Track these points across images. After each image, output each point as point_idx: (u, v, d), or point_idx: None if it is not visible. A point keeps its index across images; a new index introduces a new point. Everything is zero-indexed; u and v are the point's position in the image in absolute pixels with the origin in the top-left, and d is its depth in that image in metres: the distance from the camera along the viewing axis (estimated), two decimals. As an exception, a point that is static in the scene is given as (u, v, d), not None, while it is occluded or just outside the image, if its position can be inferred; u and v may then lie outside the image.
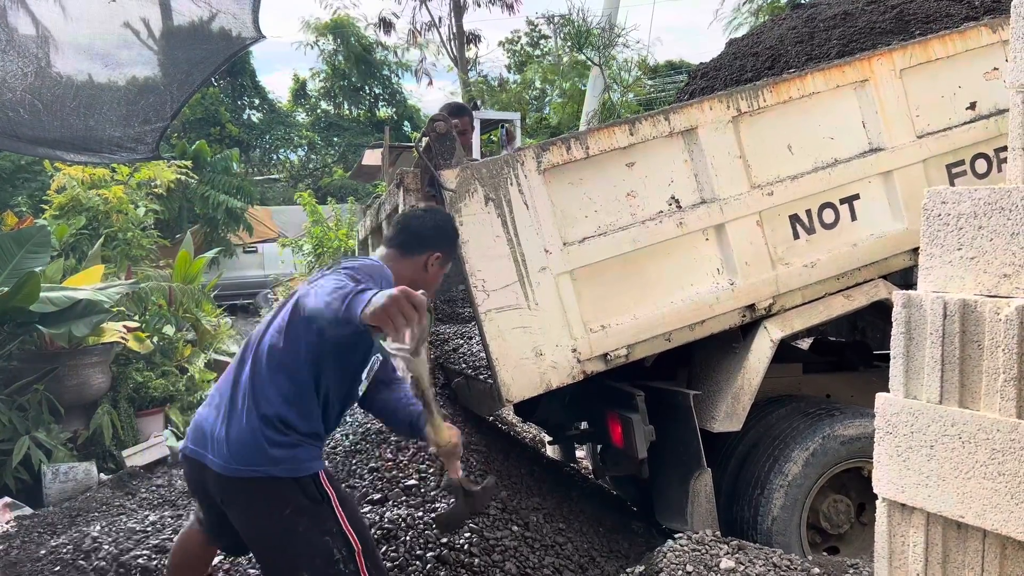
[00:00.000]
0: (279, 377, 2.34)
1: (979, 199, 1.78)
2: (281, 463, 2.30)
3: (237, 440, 2.30)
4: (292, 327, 2.36)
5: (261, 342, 2.41)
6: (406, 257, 2.56)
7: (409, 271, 2.54)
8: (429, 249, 2.59)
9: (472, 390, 3.96)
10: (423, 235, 2.60)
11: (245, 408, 2.33)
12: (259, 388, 2.34)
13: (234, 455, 2.30)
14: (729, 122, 3.53)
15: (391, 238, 2.63)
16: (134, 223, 8.73)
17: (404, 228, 2.63)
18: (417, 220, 2.67)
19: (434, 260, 2.60)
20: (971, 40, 3.81)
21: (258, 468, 2.29)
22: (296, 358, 2.35)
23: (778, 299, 3.60)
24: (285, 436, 2.31)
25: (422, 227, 2.62)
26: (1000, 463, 1.69)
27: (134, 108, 5.22)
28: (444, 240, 2.66)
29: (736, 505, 3.66)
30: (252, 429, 2.30)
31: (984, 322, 1.71)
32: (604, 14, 12.65)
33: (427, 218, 2.68)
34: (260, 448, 2.28)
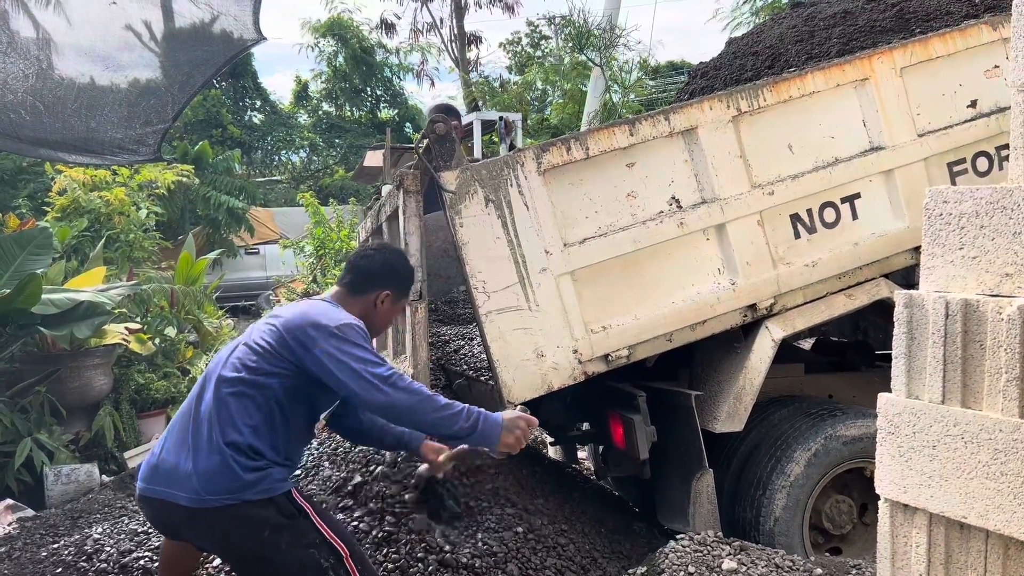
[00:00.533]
0: (246, 405, 2.39)
1: (981, 198, 1.77)
2: (254, 486, 2.33)
3: (207, 471, 2.33)
4: (261, 359, 2.42)
5: (221, 375, 2.45)
6: (356, 296, 2.66)
7: (358, 310, 2.63)
8: (378, 288, 2.67)
9: (473, 392, 3.95)
10: (372, 274, 2.68)
11: (211, 438, 2.36)
12: (225, 418, 2.38)
13: (205, 486, 2.32)
14: (729, 122, 3.53)
15: (341, 277, 2.73)
16: (136, 225, 8.75)
17: (353, 268, 2.72)
18: (366, 260, 2.74)
19: (383, 298, 2.68)
20: (972, 38, 3.80)
21: (231, 495, 2.32)
22: (266, 393, 2.41)
23: (779, 299, 3.59)
24: (255, 461, 2.35)
25: (370, 266, 2.70)
26: (1003, 463, 1.68)
27: (135, 110, 5.23)
28: (393, 278, 2.73)
29: (738, 506, 3.65)
30: (222, 457, 2.33)
31: (986, 322, 1.71)
32: (605, 15, 12.65)
33: (376, 257, 2.74)
34: (232, 474, 2.32)
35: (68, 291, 6.11)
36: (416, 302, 3.42)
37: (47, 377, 5.83)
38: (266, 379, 2.41)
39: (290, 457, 2.52)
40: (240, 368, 2.43)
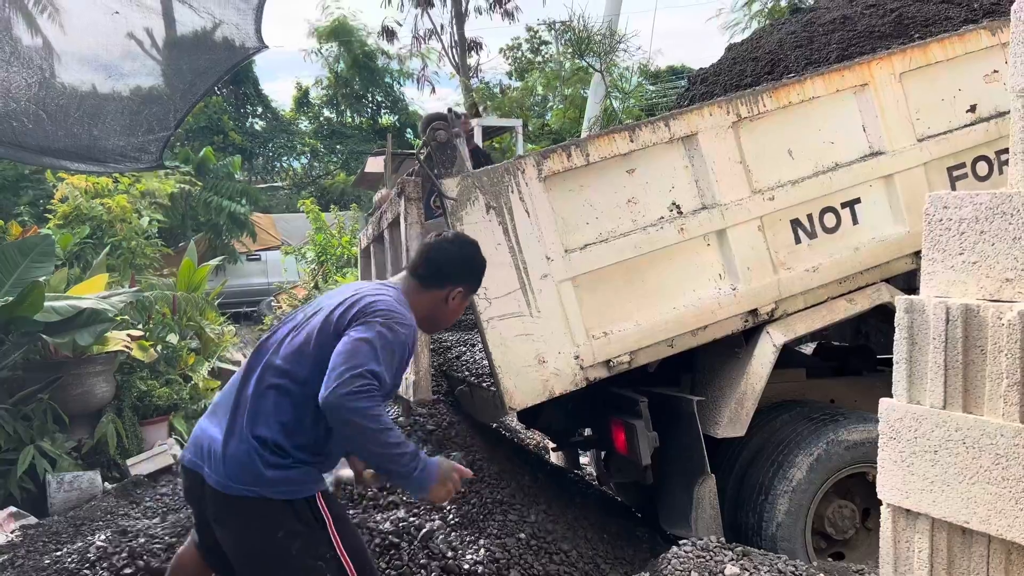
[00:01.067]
0: (283, 403, 2.29)
1: (980, 203, 1.78)
2: (276, 485, 2.24)
3: (234, 458, 2.26)
4: (307, 359, 2.29)
5: (270, 361, 2.35)
6: (427, 290, 2.49)
7: (429, 304, 2.49)
8: (451, 283, 2.50)
9: (475, 398, 3.96)
10: (447, 269, 2.52)
11: (243, 427, 2.28)
12: (260, 409, 2.29)
13: (230, 473, 2.25)
14: (729, 127, 3.54)
15: (414, 267, 2.54)
16: (138, 232, 8.76)
17: (428, 260, 2.52)
18: (443, 252, 2.54)
19: (456, 295, 2.52)
20: (970, 43, 3.81)
21: (252, 488, 2.24)
22: (304, 389, 2.27)
23: (780, 304, 3.60)
24: (282, 459, 2.26)
25: (447, 260, 2.52)
26: (1004, 468, 1.68)
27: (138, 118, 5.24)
28: (468, 274, 2.57)
29: (740, 511, 3.65)
30: (248, 449, 2.25)
31: (987, 327, 1.71)
32: (604, 20, 12.68)
33: (453, 250, 2.56)
34: (255, 469, 2.23)
35: (70, 298, 6.11)
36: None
37: (49, 384, 5.83)
38: (307, 374, 2.28)
39: (322, 459, 2.39)
40: (289, 358, 2.32)
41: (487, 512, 3.57)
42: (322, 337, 2.29)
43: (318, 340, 2.30)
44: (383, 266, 4.38)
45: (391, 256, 4.07)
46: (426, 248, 2.57)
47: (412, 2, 24.58)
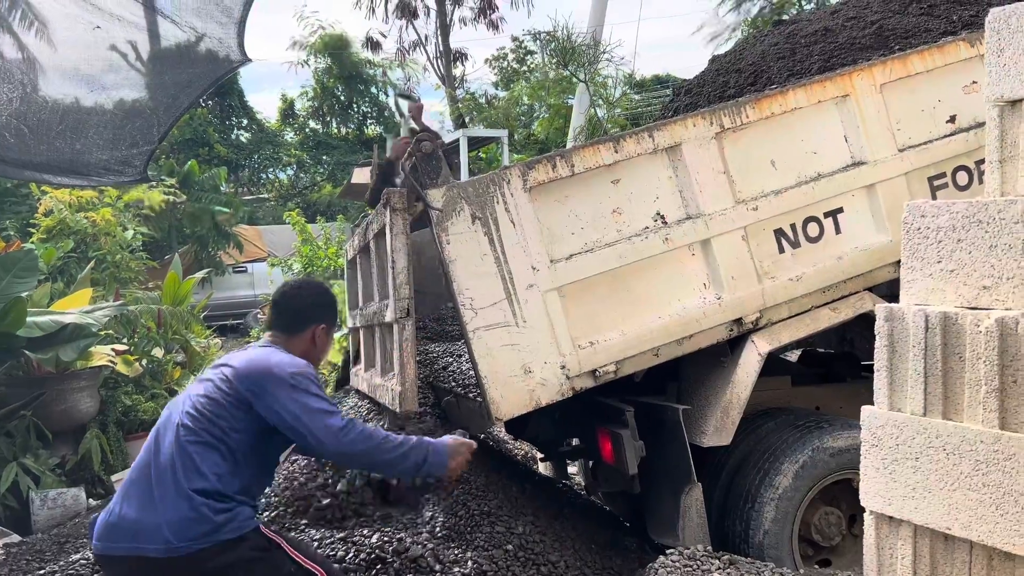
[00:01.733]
0: (211, 455, 2.43)
1: (957, 212, 1.80)
2: (225, 526, 2.37)
3: (176, 519, 2.34)
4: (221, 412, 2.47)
5: (180, 426, 2.48)
6: (294, 336, 2.72)
7: (300, 348, 2.70)
8: (313, 323, 2.74)
9: (462, 408, 3.95)
10: (304, 312, 2.75)
11: (178, 487, 2.38)
12: (190, 466, 2.41)
13: (176, 534, 2.33)
14: (712, 138, 3.56)
15: (275, 321, 2.77)
16: (122, 245, 8.71)
17: (284, 309, 2.77)
18: (294, 299, 2.78)
19: (320, 332, 2.76)
20: (949, 54, 3.86)
21: (206, 538, 2.35)
22: (227, 442, 2.45)
23: (765, 313, 3.62)
24: (224, 503, 2.40)
25: (301, 305, 2.77)
26: (984, 474, 1.70)
27: (121, 132, 5.23)
28: (325, 311, 2.81)
29: (727, 519, 3.66)
30: (191, 503, 2.36)
31: (965, 334, 1.74)
32: (588, 31, 12.76)
33: (303, 294, 2.81)
34: (203, 518, 2.35)
35: (53, 313, 6.07)
36: (404, 319, 3.43)
37: (33, 400, 5.78)
38: (226, 426, 2.46)
39: (255, 496, 2.59)
40: (199, 417, 2.47)
41: (474, 524, 3.56)
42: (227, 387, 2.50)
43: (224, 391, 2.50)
44: (369, 277, 4.37)
45: (377, 267, 4.07)
46: (278, 300, 2.80)
47: (396, 13, 24.65)
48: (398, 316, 3.44)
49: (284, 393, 2.46)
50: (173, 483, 2.38)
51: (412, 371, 3.41)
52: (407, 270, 3.43)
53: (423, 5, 24.87)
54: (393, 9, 24.54)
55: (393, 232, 3.45)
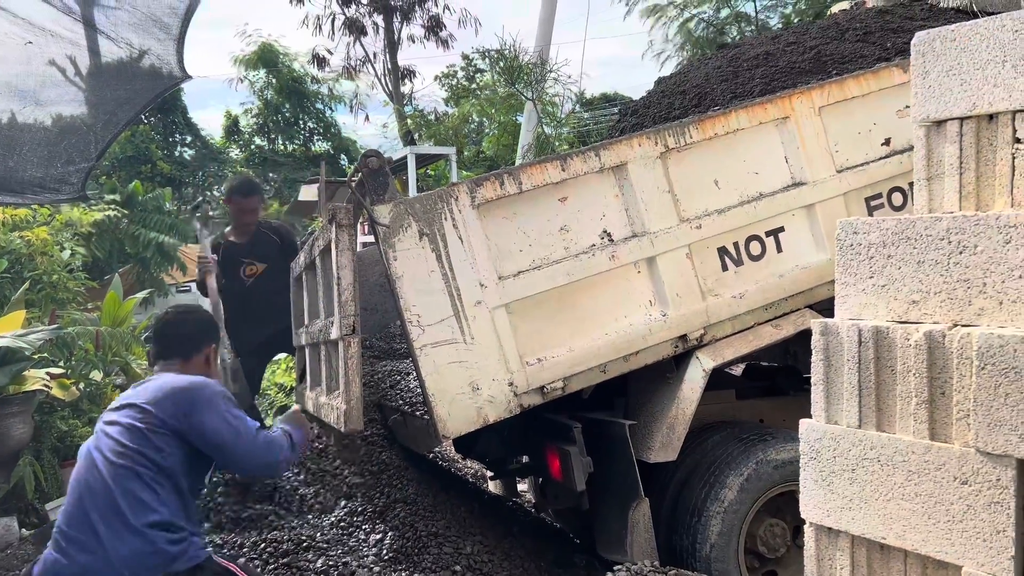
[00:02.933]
0: (151, 487, 2.44)
1: (887, 229, 1.87)
2: (181, 556, 2.40)
3: (130, 555, 2.35)
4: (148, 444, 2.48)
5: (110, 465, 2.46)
6: (190, 361, 2.81)
7: (197, 372, 2.79)
8: (205, 346, 2.87)
9: (409, 427, 3.92)
10: (194, 336, 2.86)
11: (127, 524, 2.37)
12: (135, 503, 2.41)
13: (132, 570, 2.35)
14: (657, 158, 3.62)
15: (166, 350, 2.82)
16: (59, 265, 8.45)
17: (173, 338, 2.84)
18: (181, 326, 2.88)
19: (212, 352, 2.91)
20: (884, 80, 3.99)
21: (160, 570, 2.37)
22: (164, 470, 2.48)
23: (709, 330, 3.68)
24: (176, 534, 2.43)
25: (190, 330, 2.88)
26: (916, 484, 1.75)
27: (56, 149, 5.08)
28: (210, 332, 2.96)
29: (675, 534, 3.69)
30: (144, 537, 2.37)
31: (896, 348, 1.79)
32: (536, 50, 12.91)
33: (188, 321, 2.92)
34: (159, 550, 2.37)
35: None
36: (349, 336, 3.39)
37: (-39, 426, 5.54)
38: (157, 456, 2.47)
39: (196, 524, 2.62)
40: (127, 452, 2.46)
41: (422, 546, 3.52)
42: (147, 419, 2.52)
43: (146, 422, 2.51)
44: (315, 294, 4.32)
45: (323, 284, 4.02)
46: (167, 331, 2.88)
47: (344, 30, 24.57)
48: (344, 333, 3.40)
49: (211, 414, 2.53)
50: (120, 521, 2.37)
51: (358, 389, 3.38)
52: (353, 286, 3.40)
53: (371, 23, 24.86)
54: (340, 26, 24.46)
55: (339, 248, 3.42)
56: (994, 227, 1.68)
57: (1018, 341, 1.58)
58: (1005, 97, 1.80)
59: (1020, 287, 1.64)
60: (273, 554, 3.44)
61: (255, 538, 3.54)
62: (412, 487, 3.89)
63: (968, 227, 1.73)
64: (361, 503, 3.81)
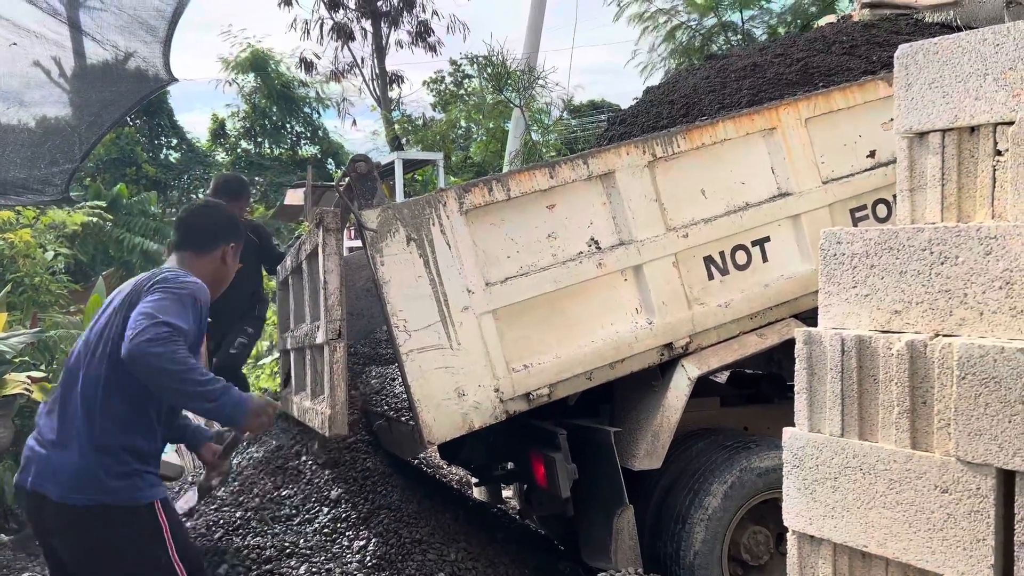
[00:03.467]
0: (114, 402, 2.35)
1: (870, 239, 1.89)
2: (116, 492, 2.32)
3: (73, 468, 2.30)
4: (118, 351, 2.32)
5: (88, 364, 2.39)
6: (203, 255, 2.66)
7: (210, 268, 2.65)
8: (223, 242, 2.70)
9: (394, 432, 3.91)
10: (214, 230, 2.70)
11: (81, 436, 2.32)
12: (93, 415, 2.33)
13: (71, 484, 2.29)
14: (645, 167, 3.65)
15: (182, 241, 2.68)
16: (42, 268, 8.37)
17: (193, 227, 2.69)
18: (205, 218, 2.74)
19: (228, 251, 2.72)
20: (869, 92, 4.04)
21: (94, 497, 2.30)
22: (130, 379, 2.33)
23: (695, 338, 3.69)
24: (123, 466, 2.34)
25: (212, 223, 2.72)
26: (898, 493, 1.77)
27: (40, 150, 5.05)
28: (234, 231, 2.76)
29: (659, 541, 3.70)
30: (89, 459, 2.30)
31: (879, 357, 1.81)
32: (524, 57, 12.95)
33: (213, 213, 2.78)
34: (96, 478, 2.30)
35: (-36, 338, 5.77)
36: (335, 340, 3.39)
37: (-61, 429, 5.47)
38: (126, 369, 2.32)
39: (155, 462, 2.47)
40: (103, 359, 2.37)
41: (405, 552, 3.51)
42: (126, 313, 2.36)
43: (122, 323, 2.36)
44: (301, 298, 4.31)
45: (309, 288, 4.02)
46: (188, 219, 2.74)
47: (332, 35, 24.55)
48: (330, 337, 3.39)
49: (148, 296, 2.34)
50: (79, 432, 2.33)
51: (343, 393, 3.37)
52: (340, 291, 3.40)
53: (359, 28, 24.85)
54: (329, 31, 24.45)
55: (326, 252, 3.41)
56: (975, 238, 1.71)
57: (998, 352, 1.60)
58: (987, 110, 1.82)
59: (1000, 298, 1.66)
60: (256, 560, 3.42)
61: (238, 544, 3.52)
62: (396, 493, 3.88)
63: (949, 238, 1.75)
64: (345, 509, 3.79)
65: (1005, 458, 1.60)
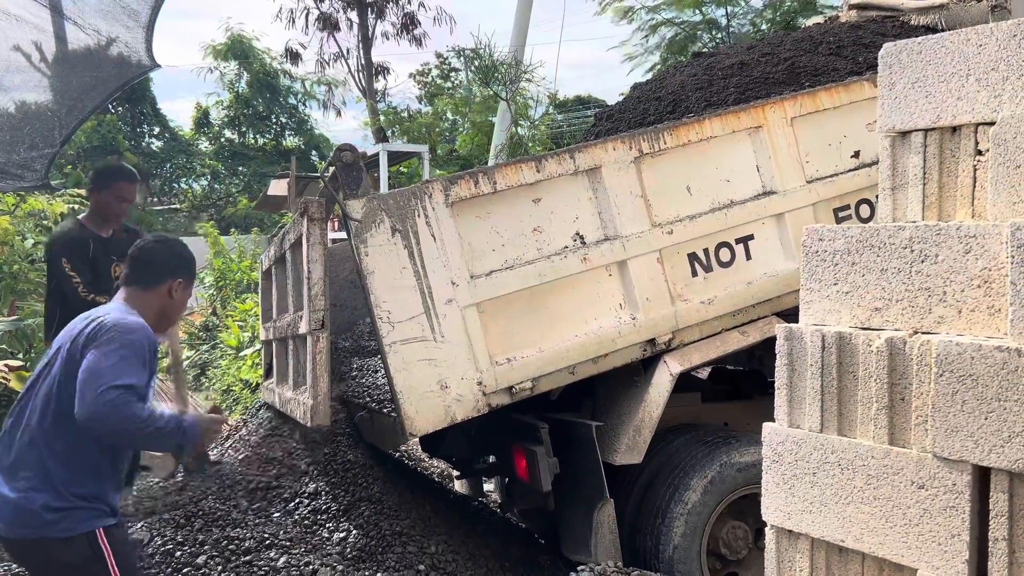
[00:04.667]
0: (57, 443, 2.37)
1: (852, 237, 1.90)
2: (54, 525, 2.33)
3: (15, 504, 2.34)
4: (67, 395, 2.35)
5: (31, 404, 2.43)
6: (150, 290, 2.63)
7: (156, 303, 2.62)
8: (170, 278, 2.65)
9: (376, 424, 3.91)
10: (161, 265, 2.67)
11: (22, 472, 2.36)
12: (35, 453, 2.37)
13: (13, 519, 2.34)
14: (631, 162, 3.65)
15: (129, 275, 2.67)
16: (21, 256, 8.28)
17: (140, 262, 2.68)
18: (152, 252, 2.71)
19: (177, 287, 2.67)
20: (855, 93, 4.06)
21: (33, 531, 2.33)
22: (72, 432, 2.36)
23: (677, 334, 3.71)
24: (59, 501, 2.35)
25: (159, 258, 2.69)
26: (875, 488, 1.79)
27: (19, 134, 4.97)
28: (182, 265, 2.72)
29: (639, 535, 3.72)
30: (27, 495, 2.33)
31: (858, 354, 1.83)
32: (511, 51, 12.94)
33: (161, 248, 2.74)
34: (34, 512, 2.33)
35: (-59, 324, 5.70)
36: (318, 331, 3.37)
37: (-87, 416, 5.40)
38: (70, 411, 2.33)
39: (99, 497, 2.44)
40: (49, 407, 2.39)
41: (386, 545, 3.50)
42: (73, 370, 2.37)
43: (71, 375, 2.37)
44: (284, 288, 4.29)
45: (293, 278, 3.99)
46: (137, 254, 2.70)
47: (318, 25, 24.42)
48: (313, 328, 3.38)
49: (95, 349, 2.34)
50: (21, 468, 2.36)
51: (325, 384, 3.36)
52: (323, 281, 3.38)
53: (345, 18, 24.72)
54: (314, 21, 24.30)
55: (310, 242, 3.40)
56: (955, 237, 1.73)
57: (975, 349, 1.62)
58: (968, 110, 1.84)
59: (978, 296, 1.68)
60: (235, 552, 3.40)
61: (217, 535, 3.50)
62: (377, 485, 3.87)
63: (930, 236, 1.77)
64: (325, 501, 3.78)
65: (981, 455, 1.62)
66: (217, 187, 27.21)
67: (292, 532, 3.60)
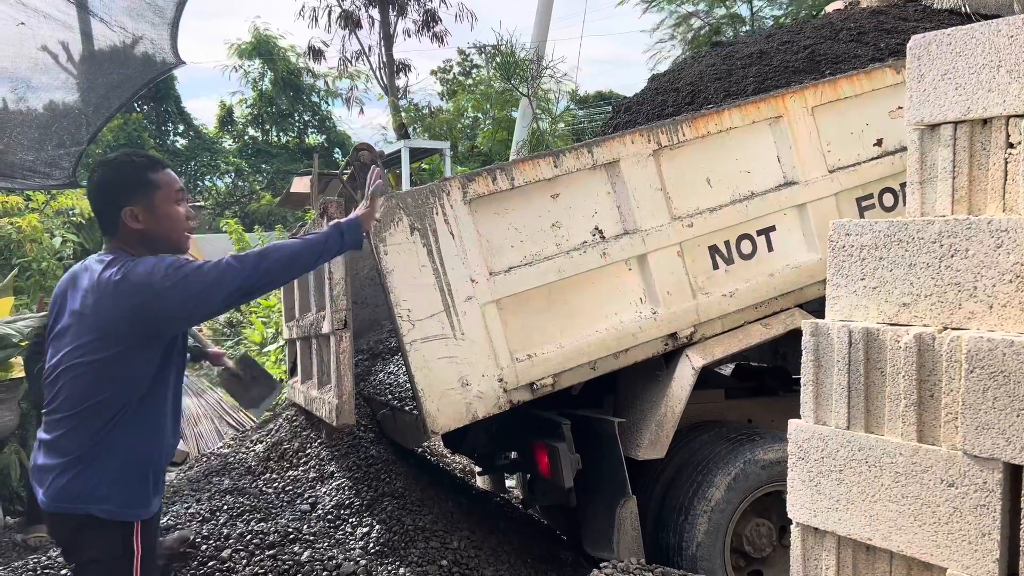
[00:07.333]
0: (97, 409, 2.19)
1: (880, 231, 1.87)
2: (102, 503, 2.18)
3: (57, 474, 2.19)
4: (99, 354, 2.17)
5: (61, 367, 2.22)
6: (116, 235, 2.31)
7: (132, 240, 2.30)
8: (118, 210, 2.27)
9: (398, 422, 3.91)
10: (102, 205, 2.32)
11: (64, 440, 2.20)
12: (74, 419, 2.19)
13: (55, 491, 2.19)
14: (650, 155, 3.62)
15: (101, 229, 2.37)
16: (49, 253, 8.40)
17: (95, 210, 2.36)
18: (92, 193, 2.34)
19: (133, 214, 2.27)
20: (877, 80, 4.00)
21: (77, 506, 2.18)
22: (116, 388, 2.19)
23: (699, 328, 3.68)
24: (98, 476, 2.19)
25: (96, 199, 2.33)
26: (903, 486, 1.75)
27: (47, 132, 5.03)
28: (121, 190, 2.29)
29: (662, 532, 3.70)
30: (70, 464, 2.19)
31: (886, 350, 1.79)
32: (532, 46, 12.90)
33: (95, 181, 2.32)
34: (78, 484, 2.18)
35: (-29, 321, 5.80)
36: (341, 331, 3.38)
37: (-54, 412, 5.50)
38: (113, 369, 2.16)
39: (144, 473, 2.28)
40: (78, 362, 2.18)
41: (409, 539, 3.51)
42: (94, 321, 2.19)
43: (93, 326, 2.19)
44: (306, 287, 4.30)
45: (314, 277, 4.01)
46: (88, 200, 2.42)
47: (339, 23, 24.52)
48: (335, 327, 3.39)
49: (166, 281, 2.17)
50: (61, 435, 2.21)
51: (350, 383, 3.36)
52: (345, 280, 3.39)
53: (367, 16, 24.80)
54: (336, 18, 24.41)
55: (330, 242, 3.39)
56: (986, 231, 1.68)
57: (1007, 345, 1.58)
58: (999, 102, 1.80)
59: (1010, 291, 1.64)
60: (259, 546, 3.43)
61: (241, 529, 3.52)
62: (400, 481, 3.89)
63: (960, 231, 1.73)
64: (348, 496, 3.80)
65: (1012, 452, 1.58)
66: (241, 184, 27.46)
67: (316, 527, 3.62)
